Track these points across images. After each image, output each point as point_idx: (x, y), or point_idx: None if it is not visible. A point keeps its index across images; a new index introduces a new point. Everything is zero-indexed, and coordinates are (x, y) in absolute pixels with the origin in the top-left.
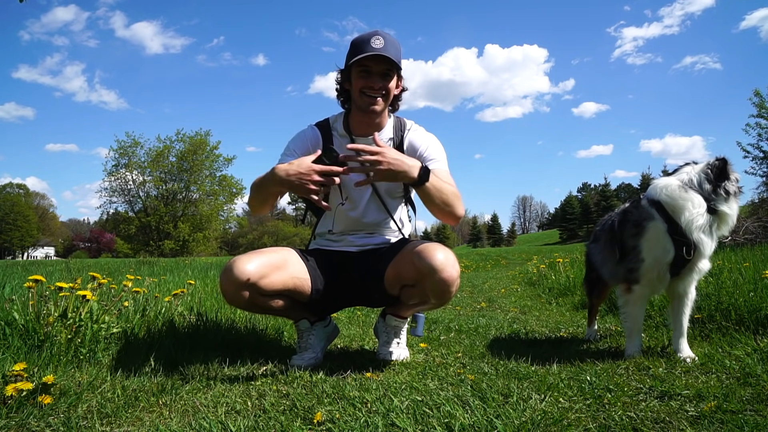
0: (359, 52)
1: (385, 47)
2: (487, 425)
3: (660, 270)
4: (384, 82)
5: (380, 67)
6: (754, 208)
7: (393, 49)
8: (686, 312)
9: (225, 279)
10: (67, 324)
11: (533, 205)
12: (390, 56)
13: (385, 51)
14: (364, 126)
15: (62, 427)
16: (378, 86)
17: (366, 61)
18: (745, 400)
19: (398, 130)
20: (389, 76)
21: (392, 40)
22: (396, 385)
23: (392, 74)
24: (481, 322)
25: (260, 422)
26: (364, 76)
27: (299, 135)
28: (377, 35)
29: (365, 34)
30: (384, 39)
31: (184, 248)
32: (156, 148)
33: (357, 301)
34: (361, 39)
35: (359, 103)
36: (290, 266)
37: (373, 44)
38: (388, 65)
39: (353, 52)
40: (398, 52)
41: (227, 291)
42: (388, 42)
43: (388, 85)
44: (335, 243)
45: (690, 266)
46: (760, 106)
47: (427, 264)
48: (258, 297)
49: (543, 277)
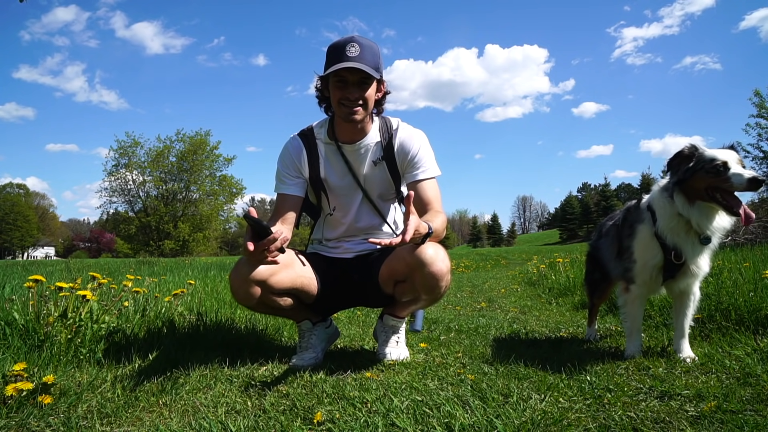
0: (334, 62)
1: (361, 54)
2: (487, 425)
3: (651, 272)
4: (361, 92)
5: (356, 77)
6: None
7: (369, 55)
8: (687, 313)
9: (235, 276)
10: (67, 324)
11: (533, 205)
12: (364, 66)
13: (360, 59)
14: (348, 133)
15: (62, 427)
16: (355, 96)
17: (341, 71)
18: (745, 400)
19: (385, 132)
20: (366, 85)
21: (369, 46)
22: (396, 385)
23: (369, 82)
24: (481, 322)
25: (260, 422)
26: (341, 87)
27: (283, 155)
28: (352, 42)
29: (340, 40)
30: (360, 45)
31: (184, 248)
32: (156, 148)
33: (356, 302)
34: (336, 47)
35: (339, 113)
36: (297, 265)
37: (348, 52)
38: (364, 74)
39: (329, 61)
40: (375, 58)
41: (238, 288)
42: (364, 48)
43: (366, 94)
44: (332, 250)
45: (683, 270)
46: (760, 106)
47: (416, 258)
48: (268, 295)
49: (543, 277)
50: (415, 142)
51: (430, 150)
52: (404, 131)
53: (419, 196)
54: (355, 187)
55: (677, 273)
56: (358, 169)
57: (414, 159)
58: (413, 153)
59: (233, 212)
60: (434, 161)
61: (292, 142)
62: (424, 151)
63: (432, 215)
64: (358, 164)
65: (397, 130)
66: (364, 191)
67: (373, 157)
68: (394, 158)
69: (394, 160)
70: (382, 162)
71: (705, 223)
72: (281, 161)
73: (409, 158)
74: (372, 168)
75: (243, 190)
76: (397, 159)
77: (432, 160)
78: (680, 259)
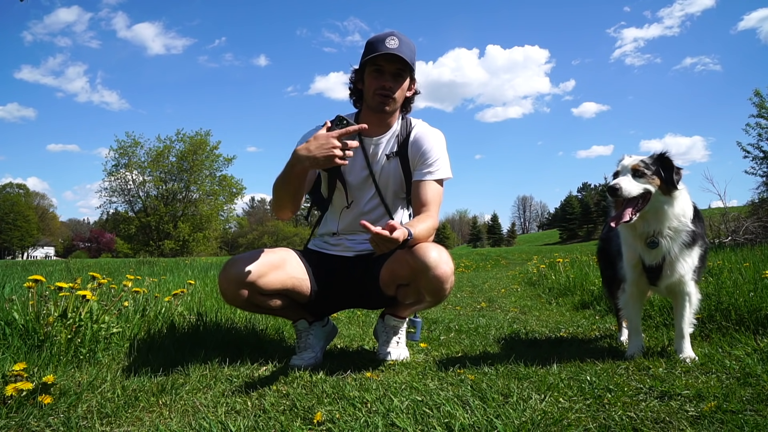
0: (373, 51)
1: (400, 47)
2: (487, 425)
3: (634, 272)
4: (396, 82)
5: (393, 66)
6: (754, 208)
7: (407, 50)
8: (684, 314)
9: (223, 278)
10: (67, 324)
11: (533, 205)
12: (403, 56)
13: (399, 51)
14: (374, 126)
15: (62, 427)
16: (389, 85)
17: (379, 60)
18: (745, 400)
19: (404, 129)
20: (401, 77)
21: (407, 42)
22: (396, 385)
23: (405, 75)
24: (481, 322)
25: (260, 422)
26: (377, 76)
27: (307, 136)
28: (392, 36)
29: (381, 34)
30: (399, 39)
31: (184, 248)
32: (156, 148)
33: (355, 303)
34: (377, 39)
35: (371, 103)
36: (288, 266)
37: (387, 44)
38: (400, 65)
39: (368, 50)
40: (412, 54)
41: (226, 290)
42: (402, 43)
43: (400, 85)
44: (333, 247)
45: (662, 271)
46: (760, 106)
47: (420, 262)
48: (256, 296)
49: (543, 277)
50: (429, 139)
51: (444, 151)
52: (421, 128)
53: (419, 194)
54: (370, 183)
55: (658, 274)
56: (374, 164)
57: (425, 156)
58: (426, 149)
59: (233, 212)
60: (447, 163)
61: (318, 127)
62: (437, 151)
63: (418, 220)
64: (375, 159)
65: (415, 127)
66: (377, 187)
67: (387, 150)
68: (407, 154)
69: (407, 155)
70: (396, 157)
71: (640, 230)
72: (303, 140)
73: (420, 153)
74: (386, 162)
75: (243, 190)
76: (410, 153)
77: (444, 161)
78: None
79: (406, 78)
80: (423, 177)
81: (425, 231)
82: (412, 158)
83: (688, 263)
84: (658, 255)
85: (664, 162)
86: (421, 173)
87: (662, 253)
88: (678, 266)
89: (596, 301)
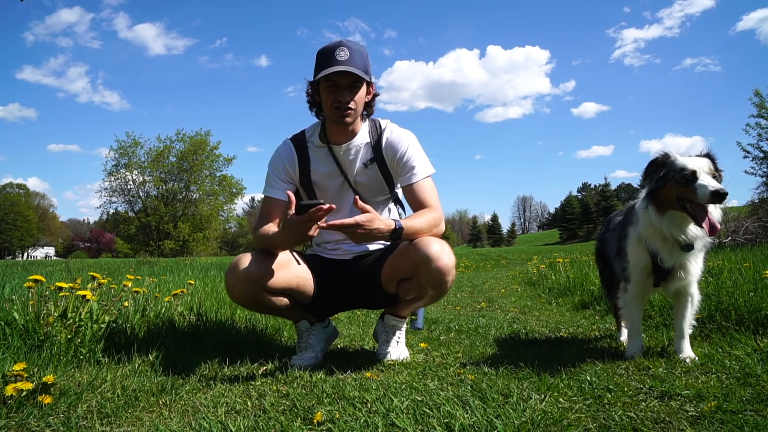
0: (325, 66)
1: (351, 58)
2: (487, 425)
3: (641, 274)
4: (352, 95)
5: (346, 80)
6: (754, 208)
7: (359, 58)
8: (685, 314)
9: (231, 275)
10: (67, 324)
11: (533, 205)
12: (355, 69)
13: (350, 63)
14: (339, 135)
15: (62, 427)
16: (346, 99)
17: (332, 75)
18: (745, 400)
19: (374, 133)
20: (357, 88)
21: (358, 49)
22: (396, 385)
23: (359, 85)
24: (481, 322)
25: (260, 422)
26: (332, 91)
27: (275, 159)
28: (341, 46)
29: (329, 45)
30: (349, 49)
31: (184, 248)
32: (156, 148)
33: (356, 304)
34: (326, 51)
35: (331, 117)
36: (293, 266)
37: (337, 56)
38: (354, 77)
39: (319, 65)
40: (364, 60)
41: (233, 287)
42: (353, 52)
43: (356, 97)
44: (331, 252)
45: (672, 273)
46: (760, 106)
47: (422, 254)
48: (263, 294)
49: (543, 277)
50: (402, 142)
51: (420, 149)
52: (392, 131)
53: (416, 198)
54: (347, 188)
55: (668, 275)
56: (348, 169)
57: (404, 160)
58: (401, 152)
59: (233, 212)
60: (425, 159)
61: (284, 146)
62: (412, 151)
63: (416, 214)
64: (348, 165)
65: (385, 130)
66: (356, 192)
67: (363, 159)
68: (383, 158)
69: (384, 159)
70: (373, 164)
71: (677, 233)
72: (272, 165)
73: (398, 158)
74: (363, 170)
75: (243, 190)
76: (386, 158)
77: (422, 158)
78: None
79: (362, 87)
80: (410, 181)
81: (424, 222)
82: (390, 163)
83: (699, 265)
84: (681, 257)
85: (715, 163)
86: (406, 178)
87: (686, 255)
88: (691, 268)
89: (596, 301)
